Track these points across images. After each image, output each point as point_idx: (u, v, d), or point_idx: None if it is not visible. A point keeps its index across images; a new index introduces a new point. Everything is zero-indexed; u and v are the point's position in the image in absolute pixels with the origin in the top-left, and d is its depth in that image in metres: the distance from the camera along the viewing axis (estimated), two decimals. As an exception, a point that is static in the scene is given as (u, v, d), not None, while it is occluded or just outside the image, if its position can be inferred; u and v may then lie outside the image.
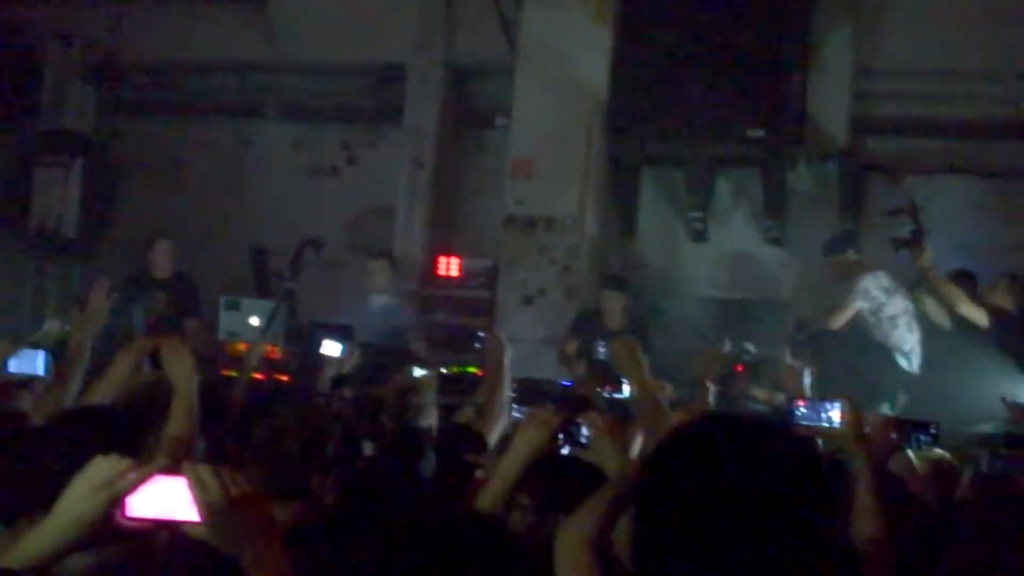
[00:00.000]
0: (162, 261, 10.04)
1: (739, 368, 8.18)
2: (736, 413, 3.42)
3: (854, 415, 3.96)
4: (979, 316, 8.36)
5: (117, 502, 2.23)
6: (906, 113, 10.16)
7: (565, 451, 3.84)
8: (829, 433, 3.98)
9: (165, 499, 2.25)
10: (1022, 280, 8.75)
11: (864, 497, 3.65)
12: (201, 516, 2.24)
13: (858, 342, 8.65)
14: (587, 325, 9.08)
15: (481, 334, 6.49)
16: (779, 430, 2.05)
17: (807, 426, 4.14)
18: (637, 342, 4.60)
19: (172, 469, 2.28)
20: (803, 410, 4.79)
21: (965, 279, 8.75)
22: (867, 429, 4.62)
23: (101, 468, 2.27)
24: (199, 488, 2.24)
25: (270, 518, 2.33)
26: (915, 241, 8.37)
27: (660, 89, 9.45)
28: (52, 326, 7.36)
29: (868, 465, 3.72)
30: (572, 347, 9.16)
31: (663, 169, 10.43)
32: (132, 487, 2.25)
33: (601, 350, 7.93)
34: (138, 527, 2.26)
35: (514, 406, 5.85)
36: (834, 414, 4.21)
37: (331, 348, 6.93)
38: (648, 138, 9.80)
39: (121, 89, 12.09)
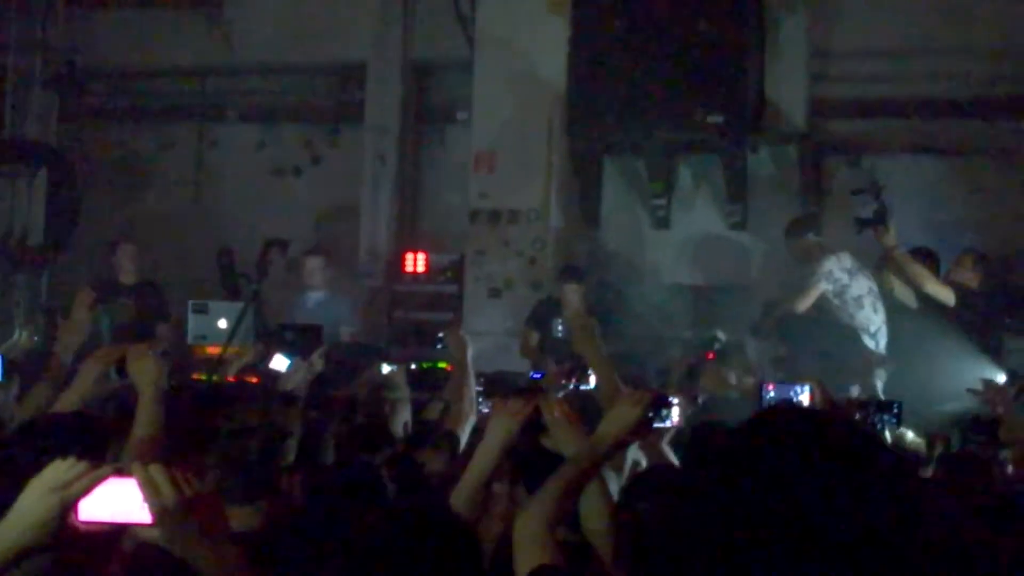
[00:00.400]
0: (127, 265, 10.03)
1: (709, 355, 8.23)
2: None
3: (824, 397, 4.01)
4: (946, 295, 8.41)
5: (71, 505, 2.25)
6: (864, 93, 10.23)
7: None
8: None
9: (118, 501, 2.26)
10: (985, 257, 8.84)
11: None
12: (152, 518, 2.25)
13: (824, 324, 8.70)
14: (546, 315, 9.13)
15: (441, 334, 6.48)
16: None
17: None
18: (593, 320, 4.66)
19: (126, 471, 2.29)
20: (773, 393, 4.86)
21: (927, 257, 8.83)
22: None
23: (55, 471, 2.29)
24: (150, 489, 2.25)
25: (223, 519, 2.35)
26: (878, 220, 8.41)
27: (618, 78, 9.48)
28: (21, 336, 7.36)
29: None
30: (533, 337, 9.21)
31: (624, 158, 10.47)
32: (86, 490, 2.26)
33: (559, 328, 7.94)
34: (91, 530, 2.28)
35: (481, 400, 5.89)
36: (804, 397, 4.27)
37: (279, 363, 6.76)
38: (608, 127, 9.83)
39: (82, 96, 12.06)
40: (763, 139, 10.02)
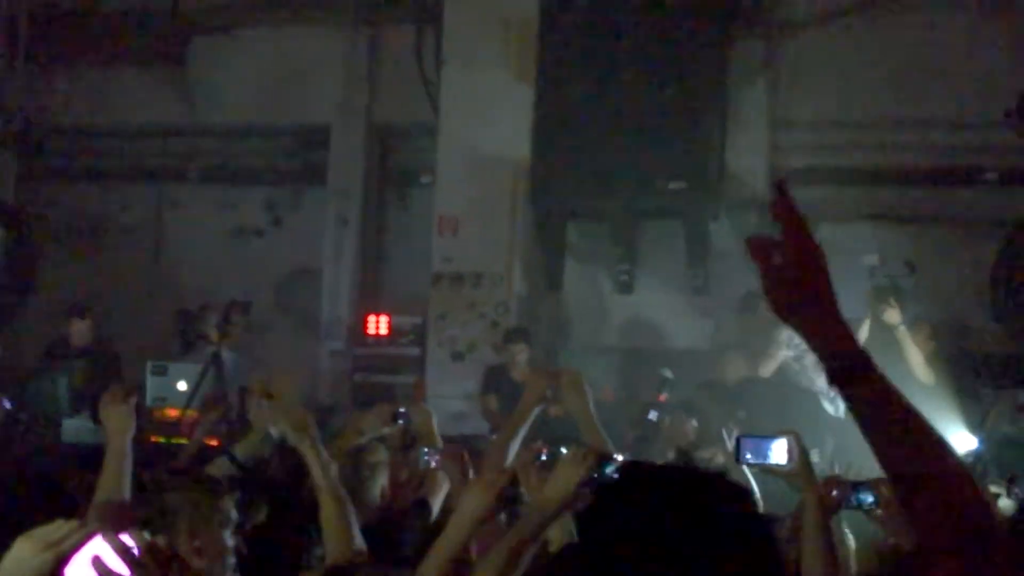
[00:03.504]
0: (81, 329, 9.95)
1: (661, 398, 8.16)
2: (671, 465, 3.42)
3: (801, 451, 3.99)
4: (928, 376, 8.52)
5: (63, 560, 2.30)
6: (822, 162, 10.41)
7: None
8: (776, 470, 4.01)
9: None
10: (936, 327, 8.98)
11: (813, 536, 3.70)
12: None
13: (784, 388, 8.76)
14: (496, 380, 9.13)
15: (403, 410, 6.41)
16: (717, 481, 1.98)
17: (754, 464, 4.16)
18: (581, 374, 4.67)
19: (110, 530, 2.34)
20: (749, 448, 4.82)
21: None
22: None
23: (47, 530, 2.39)
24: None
25: None
26: (895, 292, 8.56)
27: (581, 144, 9.62)
28: None
29: (818, 502, 3.77)
30: (492, 401, 9.19)
31: (588, 223, 10.56)
32: (76, 546, 2.36)
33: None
34: None
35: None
36: (778, 449, 4.23)
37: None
38: (571, 192, 9.93)
39: (41, 156, 11.99)
40: (724, 206, 10.15)
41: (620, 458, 4.01)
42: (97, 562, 2.25)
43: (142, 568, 2.28)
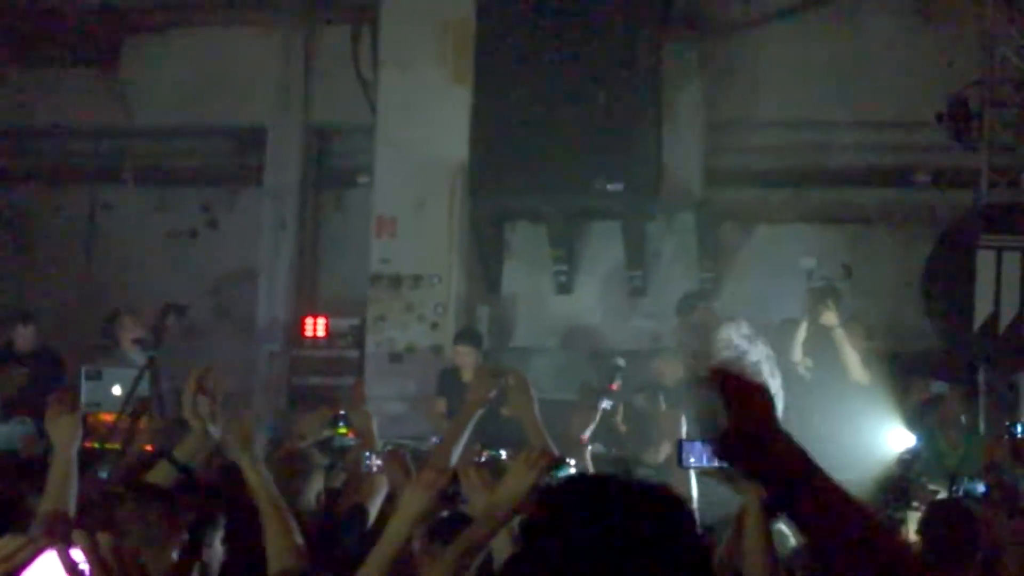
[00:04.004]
0: (25, 335, 9.77)
1: (612, 386, 8.14)
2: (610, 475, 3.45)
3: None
4: (864, 377, 8.62)
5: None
6: (757, 163, 10.51)
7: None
8: (719, 473, 4.06)
9: (55, 572, 2.27)
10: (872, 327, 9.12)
11: (754, 535, 3.74)
12: None
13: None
14: (447, 382, 9.12)
15: (343, 412, 6.36)
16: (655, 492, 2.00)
17: (695, 467, 4.20)
18: (526, 378, 4.68)
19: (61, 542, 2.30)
20: (691, 452, 4.86)
21: None
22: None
23: None
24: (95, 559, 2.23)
25: None
26: (832, 294, 8.65)
27: (519, 146, 9.65)
28: None
29: (760, 503, 3.82)
30: (441, 404, 9.17)
31: (527, 224, 10.59)
32: (28, 560, 2.33)
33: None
34: None
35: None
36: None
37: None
38: (509, 194, 9.96)
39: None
40: (661, 207, 10.21)
41: (573, 463, 4.03)
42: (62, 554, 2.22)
43: (105, 568, 2.24)
